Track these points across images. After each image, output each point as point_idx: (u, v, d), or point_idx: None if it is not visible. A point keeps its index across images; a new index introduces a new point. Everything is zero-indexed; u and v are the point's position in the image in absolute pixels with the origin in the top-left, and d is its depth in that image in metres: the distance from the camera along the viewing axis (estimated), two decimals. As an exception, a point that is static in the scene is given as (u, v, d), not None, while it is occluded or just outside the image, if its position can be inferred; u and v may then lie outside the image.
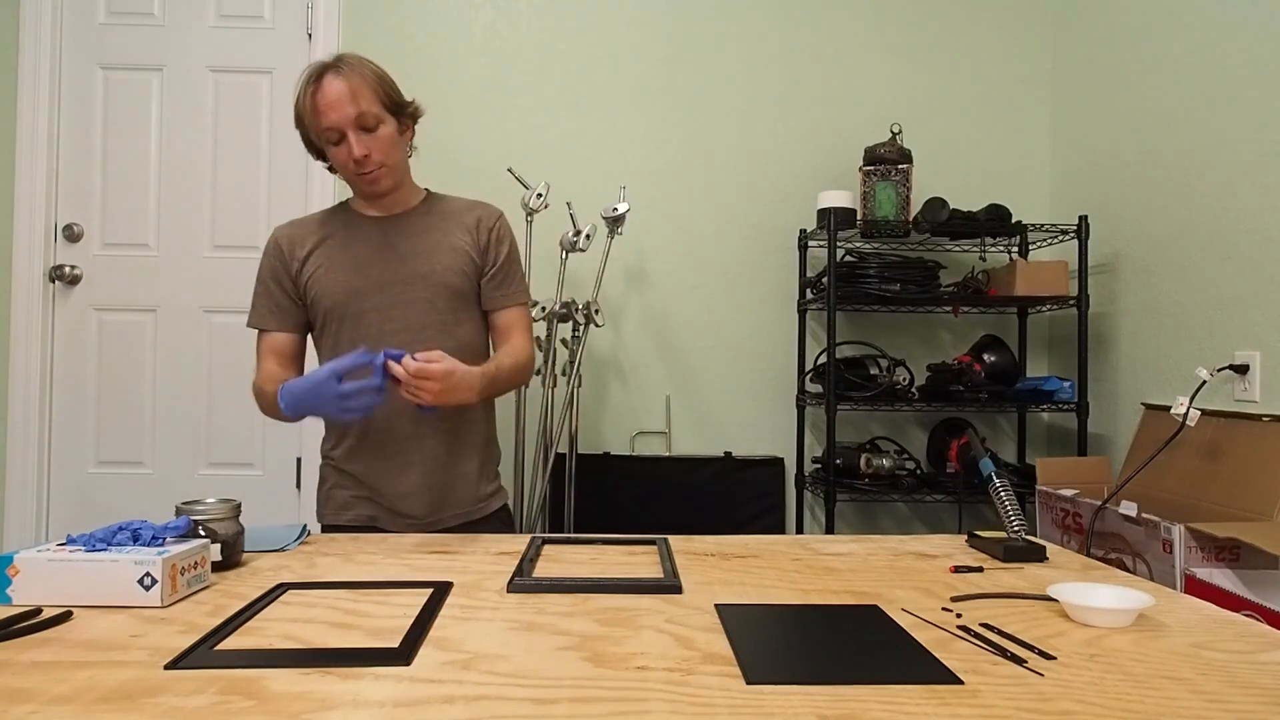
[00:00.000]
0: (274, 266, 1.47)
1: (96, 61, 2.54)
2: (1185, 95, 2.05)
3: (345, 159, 1.39)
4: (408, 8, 2.56)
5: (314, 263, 1.45)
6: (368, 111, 1.36)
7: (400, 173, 1.46)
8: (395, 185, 1.46)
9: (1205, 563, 1.54)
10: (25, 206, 2.48)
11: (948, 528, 2.61)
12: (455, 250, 1.46)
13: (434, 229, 1.47)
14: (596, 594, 0.97)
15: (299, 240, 1.47)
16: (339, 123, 1.35)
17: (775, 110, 2.61)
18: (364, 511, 1.46)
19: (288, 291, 1.46)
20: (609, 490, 2.44)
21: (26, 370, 2.48)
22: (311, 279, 1.44)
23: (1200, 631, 0.85)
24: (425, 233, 1.47)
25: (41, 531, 2.51)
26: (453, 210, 1.51)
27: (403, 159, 1.47)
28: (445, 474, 1.46)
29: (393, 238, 1.46)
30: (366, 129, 1.37)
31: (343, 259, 1.44)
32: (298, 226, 1.49)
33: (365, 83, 1.36)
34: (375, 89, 1.37)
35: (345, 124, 1.35)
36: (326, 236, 1.47)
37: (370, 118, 1.36)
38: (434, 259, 1.45)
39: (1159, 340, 2.14)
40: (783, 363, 2.60)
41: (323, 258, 1.45)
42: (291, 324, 1.47)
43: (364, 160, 1.38)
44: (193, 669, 0.71)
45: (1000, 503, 1.20)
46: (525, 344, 1.50)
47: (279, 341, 1.47)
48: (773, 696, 0.67)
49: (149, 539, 0.94)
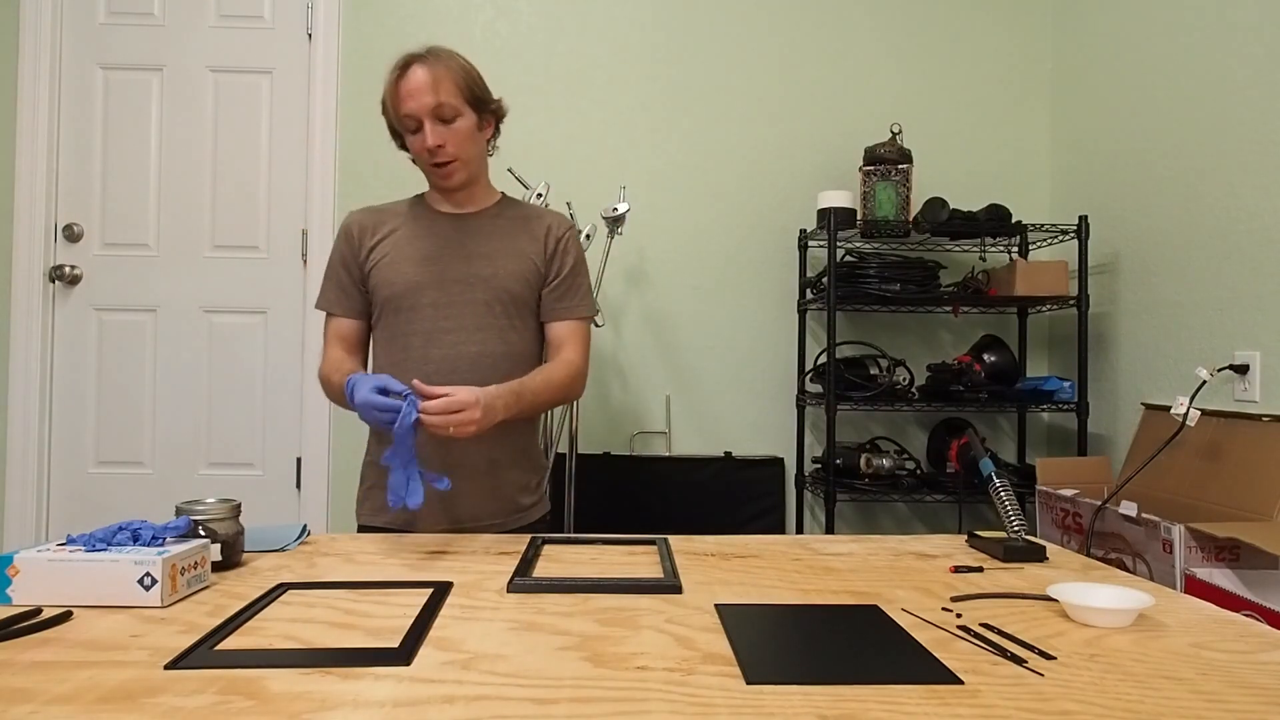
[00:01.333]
0: (343, 251, 1.47)
1: (96, 61, 2.54)
2: (1185, 95, 2.05)
3: (420, 148, 1.40)
4: (408, 8, 2.56)
5: (380, 251, 1.46)
6: (446, 103, 1.37)
7: (475, 168, 1.47)
8: (469, 180, 1.46)
9: (1205, 563, 1.54)
10: (25, 206, 2.48)
11: (948, 528, 2.61)
12: (521, 257, 1.47)
13: (503, 233, 1.48)
14: (596, 594, 0.97)
15: (369, 227, 1.47)
16: (417, 111, 1.37)
17: (775, 110, 2.61)
18: (402, 515, 1.44)
19: (354, 278, 1.47)
20: (609, 490, 2.44)
21: (26, 370, 2.48)
22: (376, 267, 1.45)
23: (1200, 631, 0.85)
24: (493, 235, 1.47)
25: (41, 531, 2.51)
26: (524, 216, 1.51)
27: (478, 155, 1.47)
28: (484, 482, 1.45)
29: (460, 236, 1.46)
30: (444, 120, 1.38)
31: (408, 251, 1.45)
32: (371, 213, 1.50)
33: (449, 74, 1.38)
34: (458, 81, 1.39)
35: (423, 113, 1.37)
36: (397, 227, 1.47)
37: (448, 109, 1.38)
38: (498, 263, 1.45)
39: (1159, 340, 2.14)
40: (783, 363, 2.60)
41: (390, 247, 1.46)
42: (356, 310, 1.48)
43: (437, 150, 1.39)
44: (193, 669, 0.71)
45: (1000, 503, 1.20)
46: (575, 358, 1.47)
47: (345, 327, 1.48)
48: (773, 696, 0.67)
49: (149, 539, 0.94)
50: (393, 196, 2.15)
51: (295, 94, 2.57)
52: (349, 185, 2.55)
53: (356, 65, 2.55)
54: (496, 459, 1.46)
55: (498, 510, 1.47)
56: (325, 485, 2.54)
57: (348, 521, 2.53)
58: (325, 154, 2.54)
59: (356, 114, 2.55)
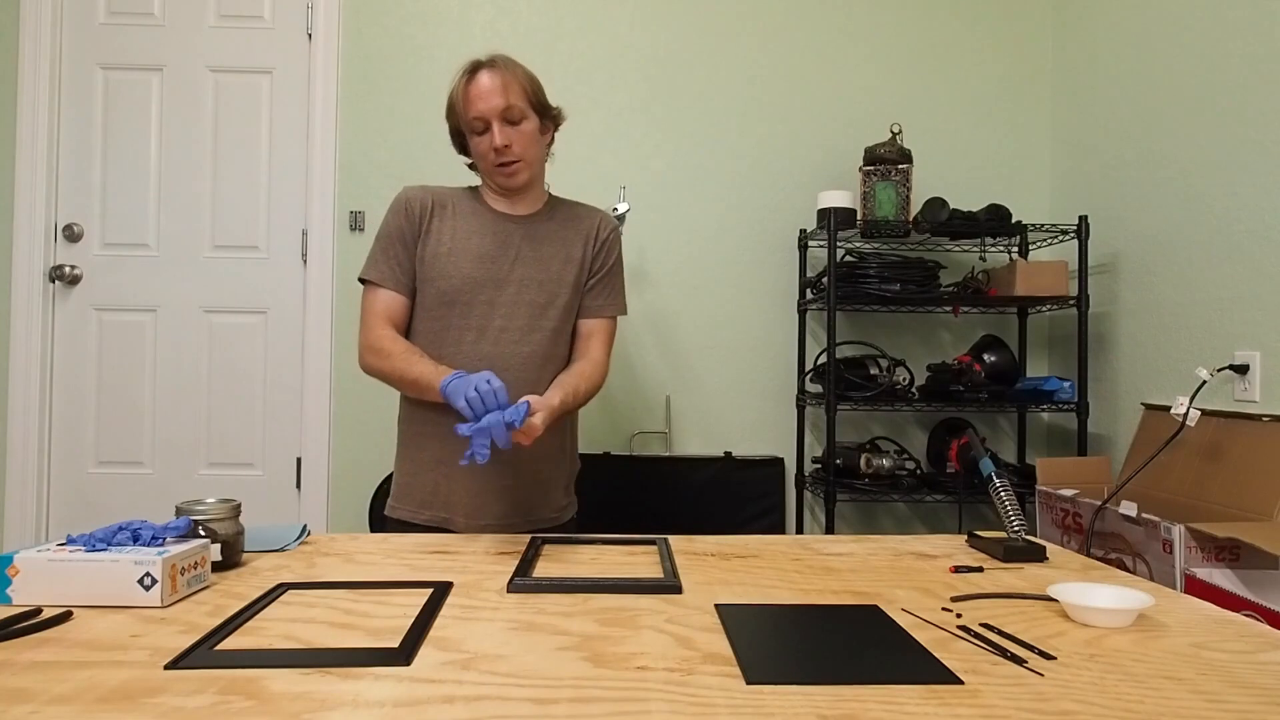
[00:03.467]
0: (401, 225, 1.47)
1: (96, 61, 2.54)
2: (1185, 95, 2.05)
3: (487, 149, 1.44)
4: (408, 8, 2.56)
5: (438, 236, 1.47)
6: (514, 105, 1.42)
7: (535, 171, 1.50)
8: (530, 182, 1.50)
9: (1205, 563, 1.54)
10: (25, 206, 2.48)
11: (948, 528, 2.61)
12: (571, 261, 1.51)
13: (555, 237, 1.51)
14: (596, 594, 0.97)
15: (429, 207, 1.48)
16: (486, 113, 1.41)
17: (775, 110, 2.61)
18: (440, 513, 1.47)
19: (411, 253, 1.47)
20: (609, 490, 2.44)
21: (26, 370, 2.48)
22: (433, 256, 1.46)
23: (1200, 631, 0.85)
24: (547, 239, 1.50)
25: (41, 531, 2.51)
26: (574, 216, 1.55)
27: (540, 158, 1.51)
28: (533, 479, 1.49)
29: (516, 237, 1.49)
30: (511, 122, 1.43)
31: (467, 245, 1.47)
32: (428, 191, 1.51)
33: (516, 80, 1.43)
34: (524, 86, 1.44)
35: (492, 114, 1.41)
36: (455, 216, 1.49)
37: (516, 111, 1.42)
38: (551, 268, 1.49)
39: (1159, 340, 2.14)
40: (783, 363, 2.60)
41: (448, 236, 1.47)
42: (406, 287, 1.48)
43: (504, 150, 1.42)
44: (193, 669, 0.71)
45: (1000, 503, 1.20)
46: (602, 357, 1.52)
47: (394, 304, 1.47)
48: (773, 696, 0.67)
49: (149, 539, 0.94)
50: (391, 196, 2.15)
51: (295, 94, 2.57)
52: (349, 185, 2.55)
53: (356, 65, 2.55)
54: (542, 456, 1.49)
55: (543, 505, 1.51)
56: (325, 485, 2.54)
57: (348, 521, 2.53)
58: (325, 154, 2.54)
59: (356, 114, 2.55)
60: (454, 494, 1.47)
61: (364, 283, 1.48)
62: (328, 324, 2.54)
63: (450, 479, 1.46)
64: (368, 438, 2.54)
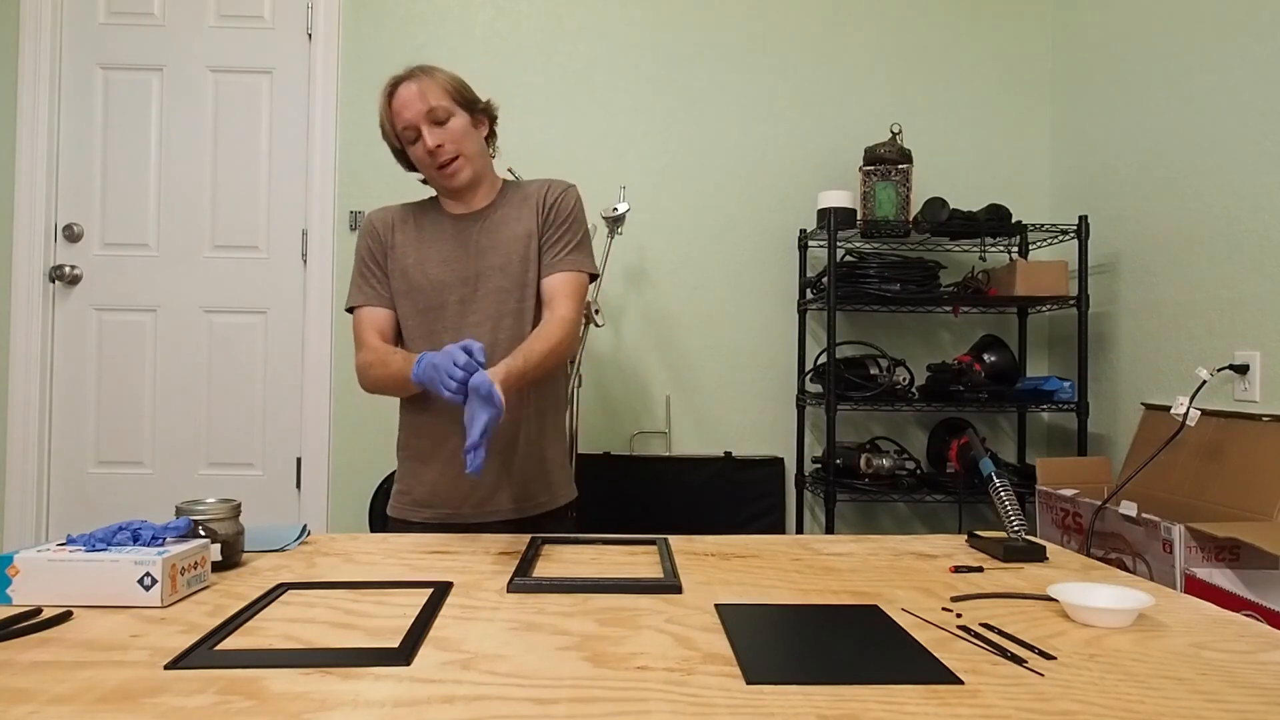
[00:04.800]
0: (371, 247, 1.52)
1: (96, 61, 2.54)
2: (1185, 95, 2.05)
3: (423, 154, 1.45)
4: (408, 8, 2.56)
5: (401, 251, 1.50)
6: (438, 105, 1.43)
7: (478, 166, 1.50)
8: (475, 178, 1.50)
9: (1205, 563, 1.54)
10: (25, 206, 2.48)
11: (948, 528, 2.61)
12: (527, 236, 1.49)
13: (509, 220, 1.51)
14: (596, 594, 0.97)
15: (389, 223, 1.53)
16: (412, 120, 1.43)
17: (775, 110, 2.61)
18: (443, 510, 1.48)
19: (385, 270, 1.51)
20: (609, 490, 2.44)
21: (26, 370, 2.48)
22: (402, 270, 1.49)
23: (1200, 631, 0.85)
24: (501, 225, 1.51)
25: (41, 531, 2.51)
26: (523, 195, 1.54)
27: (479, 152, 1.50)
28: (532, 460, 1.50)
29: (472, 233, 1.50)
30: (438, 122, 1.44)
31: (429, 252, 1.49)
32: (388, 212, 1.55)
33: (434, 82, 1.44)
34: (444, 86, 1.45)
35: (418, 119, 1.43)
36: (416, 227, 1.52)
37: (441, 111, 1.43)
38: (509, 250, 1.49)
39: (1159, 340, 2.14)
40: (783, 363, 2.60)
41: (411, 248, 1.50)
42: (388, 300, 1.51)
43: (438, 150, 1.43)
44: (193, 669, 0.71)
45: (1000, 503, 1.20)
46: (567, 313, 1.44)
47: (381, 318, 1.50)
48: (773, 696, 0.67)
49: (149, 539, 0.94)
50: (392, 196, 2.15)
51: (295, 94, 2.57)
52: (349, 185, 2.55)
53: (356, 65, 2.55)
54: (536, 436, 1.51)
55: (542, 489, 1.51)
56: (325, 485, 2.54)
57: (348, 521, 2.53)
58: (325, 154, 2.54)
59: (356, 114, 2.55)
60: (455, 489, 1.47)
61: (351, 311, 1.52)
62: (328, 324, 2.54)
63: (447, 475, 1.48)
64: (368, 438, 2.54)
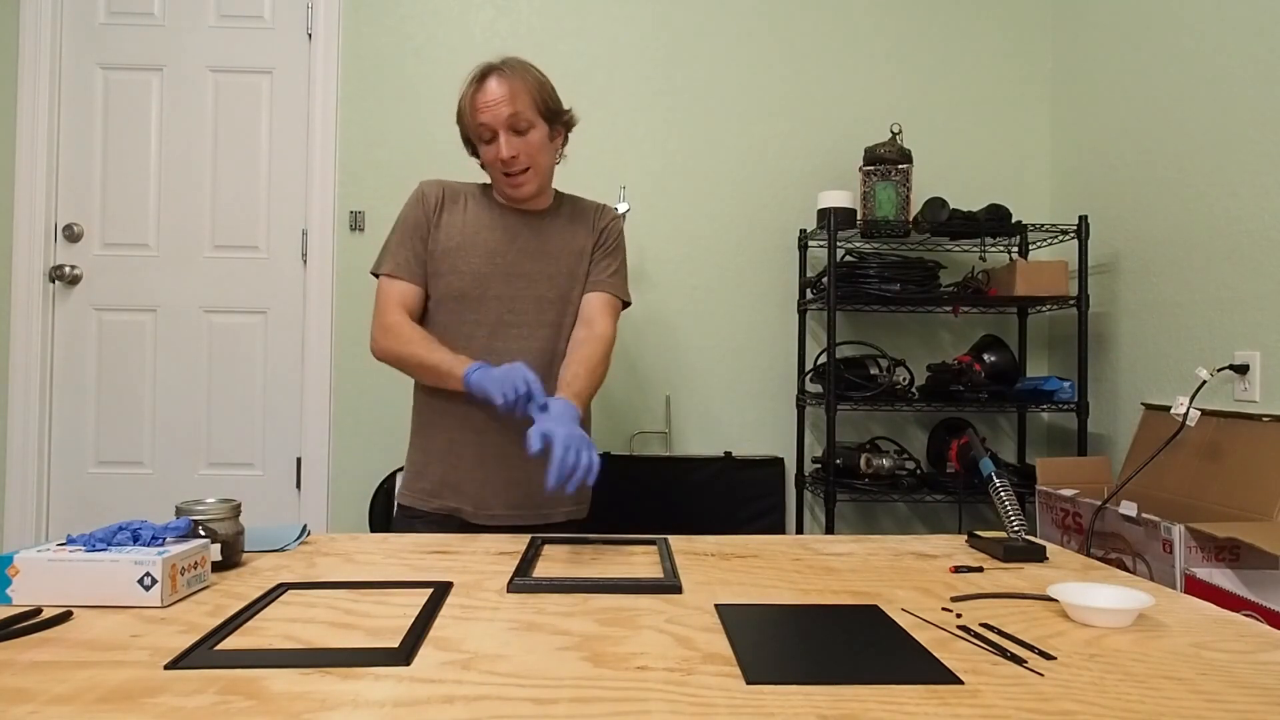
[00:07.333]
0: (418, 218, 1.47)
1: (96, 61, 2.54)
2: (1185, 95, 2.05)
3: (494, 158, 1.42)
4: (408, 8, 2.56)
5: (446, 230, 1.47)
6: (521, 114, 1.40)
7: (544, 179, 1.49)
8: (538, 191, 1.48)
9: (1205, 563, 1.54)
10: (25, 206, 2.48)
11: (948, 528, 2.61)
12: (582, 254, 1.50)
13: (563, 230, 1.51)
14: (596, 594, 0.97)
15: (440, 198, 1.49)
16: (492, 122, 1.40)
17: (775, 110, 2.61)
18: (449, 502, 1.47)
19: (425, 245, 1.47)
20: (609, 490, 2.43)
21: (26, 370, 2.48)
22: (444, 250, 1.46)
23: (1200, 631, 0.85)
24: (554, 234, 1.50)
25: (41, 531, 2.51)
26: (580, 212, 1.55)
27: (549, 165, 1.50)
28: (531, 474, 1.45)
29: (526, 233, 1.49)
30: (517, 131, 1.41)
31: (476, 240, 1.46)
32: (443, 185, 1.52)
33: (525, 86, 1.41)
34: (533, 93, 1.41)
35: (498, 124, 1.40)
36: (464, 210, 1.49)
37: (522, 120, 1.40)
38: (560, 262, 1.48)
39: (1159, 340, 2.14)
40: (783, 363, 2.60)
41: (456, 230, 1.47)
42: (421, 277, 1.48)
43: (510, 161, 1.41)
44: (193, 669, 0.71)
45: (1000, 503, 1.20)
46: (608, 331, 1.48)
47: (410, 294, 1.46)
48: (773, 696, 0.67)
49: (149, 539, 0.94)
50: (392, 196, 2.16)
51: (295, 94, 2.56)
52: (349, 185, 2.55)
53: (356, 65, 2.55)
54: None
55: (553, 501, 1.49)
56: (325, 485, 2.54)
57: (348, 521, 2.53)
58: (325, 154, 2.54)
59: (356, 114, 2.55)
60: (462, 484, 1.46)
61: (377, 275, 1.48)
62: (328, 324, 2.54)
63: (459, 469, 1.46)
64: (368, 438, 2.54)
